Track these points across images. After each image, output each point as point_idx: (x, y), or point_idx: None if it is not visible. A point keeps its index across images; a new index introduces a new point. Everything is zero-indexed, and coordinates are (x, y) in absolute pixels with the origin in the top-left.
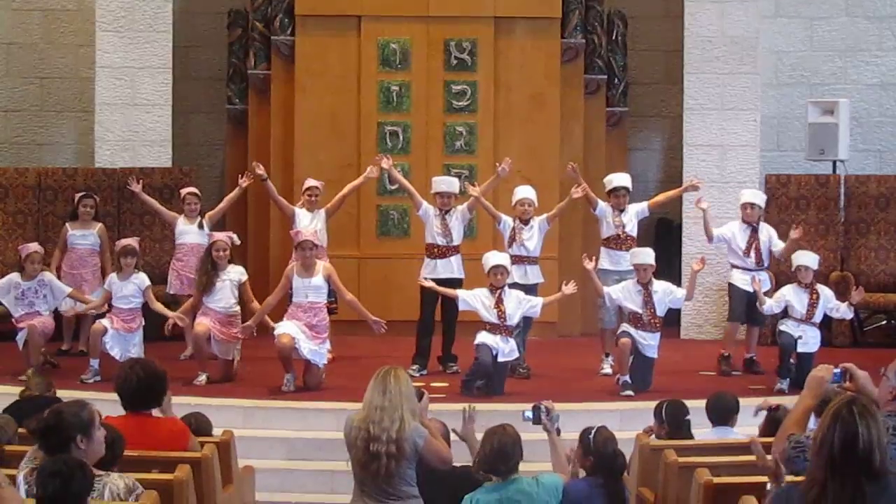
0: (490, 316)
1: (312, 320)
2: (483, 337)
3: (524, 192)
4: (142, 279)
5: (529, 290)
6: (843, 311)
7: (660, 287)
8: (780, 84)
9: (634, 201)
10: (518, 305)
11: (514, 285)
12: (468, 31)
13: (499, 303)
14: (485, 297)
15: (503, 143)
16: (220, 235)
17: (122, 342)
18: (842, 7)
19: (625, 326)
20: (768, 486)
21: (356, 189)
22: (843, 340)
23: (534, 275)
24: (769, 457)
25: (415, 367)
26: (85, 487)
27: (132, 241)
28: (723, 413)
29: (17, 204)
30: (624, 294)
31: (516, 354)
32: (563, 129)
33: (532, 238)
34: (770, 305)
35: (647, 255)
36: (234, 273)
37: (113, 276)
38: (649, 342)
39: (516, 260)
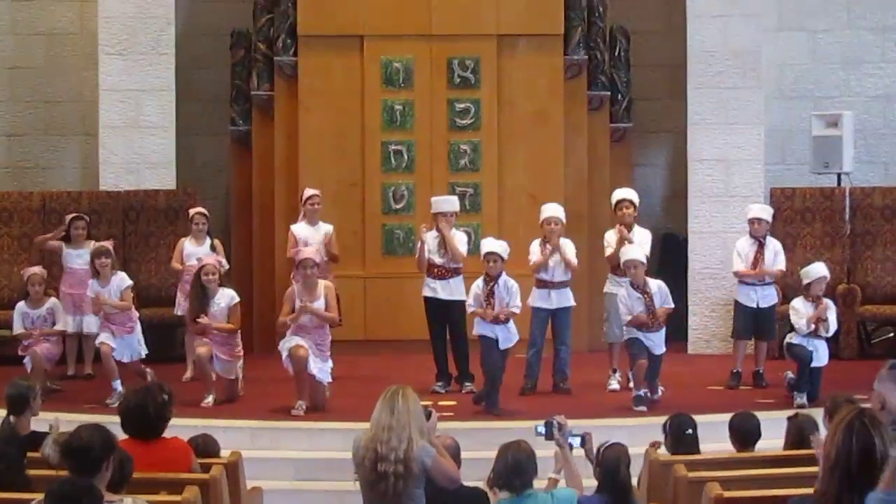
0: (479, 305)
1: (317, 340)
2: (480, 327)
3: (551, 209)
4: (121, 278)
5: (558, 314)
6: (830, 330)
7: (654, 285)
8: (783, 97)
9: (643, 216)
10: (508, 295)
11: (540, 311)
12: (471, 49)
13: (490, 295)
14: (478, 288)
15: (507, 161)
16: (209, 259)
17: (126, 345)
18: (844, 19)
19: (630, 332)
20: None
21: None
22: (850, 353)
23: (559, 299)
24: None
25: (439, 384)
26: None
27: (104, 243)
28: (746, 436)
29: (22, 227)
30: (627, 309)
31: (516, 338)
32: (567, 146)
33: (559, 263)
34: (803, 326)
35: (635, 252)
36: (225, 297)
37: (93, 283)
38: (656, 342)
39: (540, 284)
